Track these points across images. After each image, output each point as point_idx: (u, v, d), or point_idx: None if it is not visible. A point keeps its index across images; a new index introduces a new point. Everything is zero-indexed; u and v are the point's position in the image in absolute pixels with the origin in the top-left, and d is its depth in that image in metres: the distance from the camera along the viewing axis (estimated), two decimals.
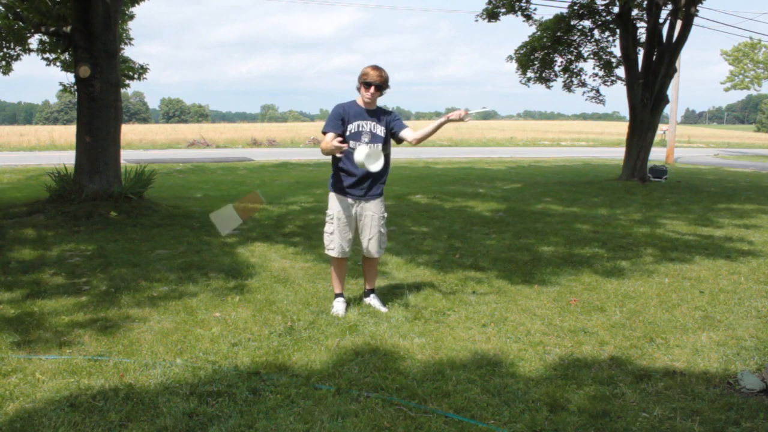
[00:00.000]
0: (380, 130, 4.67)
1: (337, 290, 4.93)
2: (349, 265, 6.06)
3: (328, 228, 4.82)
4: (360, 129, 4.62)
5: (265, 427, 3.04)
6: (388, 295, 5.28)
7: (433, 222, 9.04)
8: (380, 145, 4.56)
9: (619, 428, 3.10)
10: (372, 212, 4.78)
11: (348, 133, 4.60)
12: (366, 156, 4.40)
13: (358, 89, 4.63)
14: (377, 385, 3.51)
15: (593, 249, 7.31)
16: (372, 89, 4.54)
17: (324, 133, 4.62)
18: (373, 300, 4.96)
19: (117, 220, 8.14)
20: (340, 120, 4.58)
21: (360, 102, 4.65)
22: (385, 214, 4.91)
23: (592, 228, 8.72)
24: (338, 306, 4.83)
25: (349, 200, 4.74)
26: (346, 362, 3.83)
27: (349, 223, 4.77)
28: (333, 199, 4.79)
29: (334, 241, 4.78)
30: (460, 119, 4.26)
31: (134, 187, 9.03)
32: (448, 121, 4.33)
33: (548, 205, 11.04)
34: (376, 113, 4.68)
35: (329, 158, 4.79)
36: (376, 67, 4.57)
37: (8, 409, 3.18)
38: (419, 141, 4.67)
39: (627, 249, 7.36)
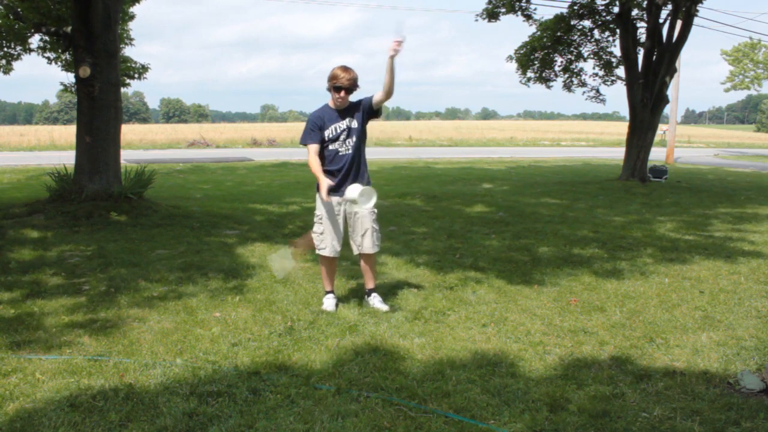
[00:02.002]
0: (355, 123, 4.74)
1: (328, 288, 4.99)
2: (347, 265, 6.08)
3: (317, 228, 4.87)
4: (337, 131, 4.71)
5: (265, 427, 3.04)
6: (388, 295, 5.27)
7: (433, 222, 9.04)
8: (371, 187, 4.68)
9: (619, 428, 3.10)
10: (361, 208, 4.81)
11: (327, 138, 4.71)
12: (359, 194, 4.56)
13: (329, 90, 4.69)
14: (377, 385, 3.51)
15: (593, 249, 7.31)
16: (342, 93, 4.63)
17: (304, 144, 4.75)
18: (375, 300, 4.95)
19: (117, 220, 8.14)
20: (317, 129, 4.69)
21: (332, 104, 4.74)
22: (375, 210, 4.90)
23: (591, 228, 8.72)
24: (328, 303, 4.90)
25: (336, 199, 4.77)
26: (346, 362, 3.83)
27: (338, 221, 4.83)
28: (320, 199, 4.83)
29: (325, 241, 4.83)
30: (396, 48, 4.27)
31: (134, 187, 9.02)
32: (392, 58, 4.34)
33: (548, 206, 11.04)
34: (349, 110, 4.75)
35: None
36: (345, 69, 4.63)
37: (8, 409, 3.18)
38: (388, 91, 4.58)
39: (627, 249, 7.36)
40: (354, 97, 4.78)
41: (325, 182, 4.57)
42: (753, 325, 4.68)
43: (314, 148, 4.68)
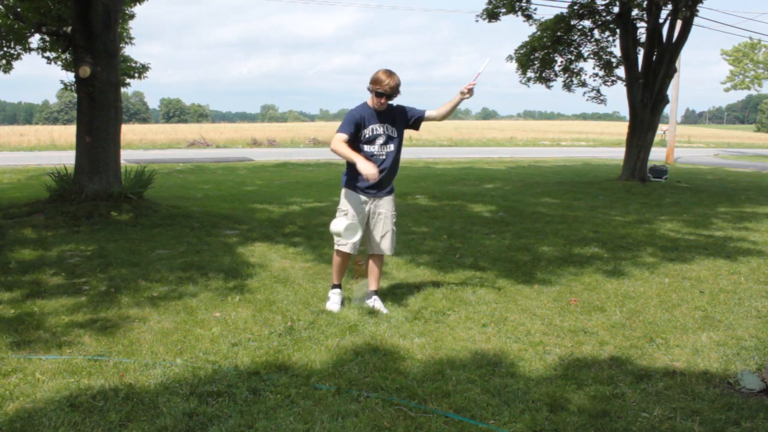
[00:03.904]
0: (393, 131, 4.79)
1: (337, 281, 4.99)
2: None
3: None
4: (375, 133, 4.73)
5: (265, 427, 3.04)
6: (388, 295, 5.28)
7: (433, 222, 9.04)
8: (356, 223, 4.72)
9: (619, 428, 3.10)
10: (385, 210, 4.87)
11: (363, 138, 4.71)
12: (344, 228, 4.61)
13: (370, 91, 4.71)
14: (377, 385, 3.51)
15: (593, 249, 7.31)
16: (383, 99, 4.67)
17: (339, 133, 4.67)
18: (376, 302, 4.95)
19: (117, 220, 8.14)
20: (354, 125, 4.66)
21: (371, 104, 4.75)
22: (396, 213, 4.97)
23: (592, 228, 8.72)
24: (334, 299, 4.92)
25: (363, 197, 4.81)
26: (346, 362, 3.83)
27: (361, 220, 4.83)
28: (346, 195, 4.85)
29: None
30: (470, 89, 4.73)
31: (134, 187, 9.02)
32: (462, 96, 4.77)
33: (548, 205, 11.04)
34: (388, 114, 4.79)
35: (331, 158, 4.84)
36: (389, 74, 4.63)
37: (8, 409, 3.18)
38: (442, 116, 4.95)
39: (627, 249, 7.36)
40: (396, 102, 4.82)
41: (360, 159, 4.46)
42: (753, 325, 4.68)
43: (343, 137, 4.60)
